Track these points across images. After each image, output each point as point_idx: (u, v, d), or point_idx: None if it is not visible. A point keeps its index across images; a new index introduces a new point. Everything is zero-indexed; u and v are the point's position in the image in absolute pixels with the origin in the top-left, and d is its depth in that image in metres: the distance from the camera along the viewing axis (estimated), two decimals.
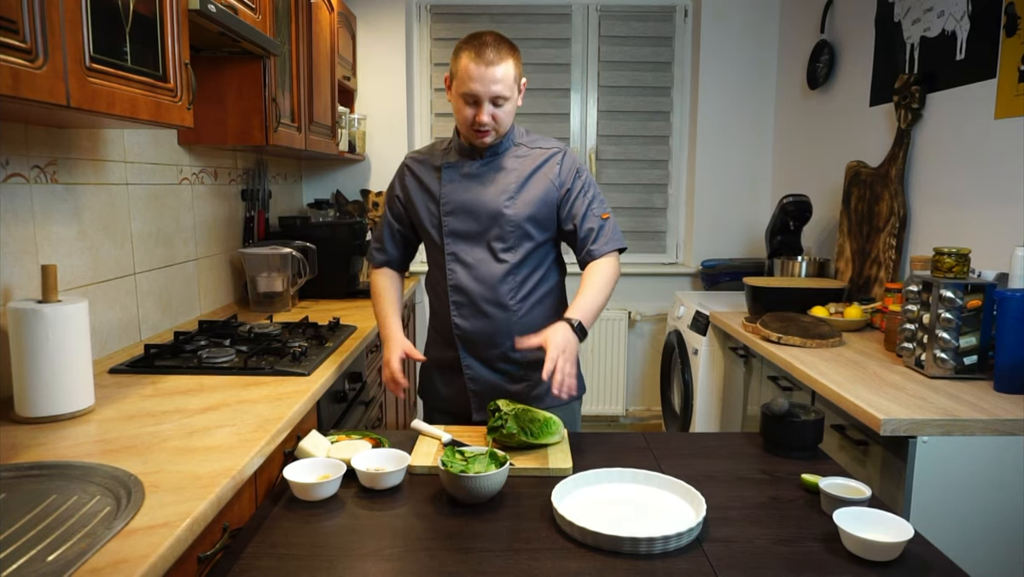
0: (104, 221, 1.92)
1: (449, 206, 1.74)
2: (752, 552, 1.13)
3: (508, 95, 1.64)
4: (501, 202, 1.71)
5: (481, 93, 1.61)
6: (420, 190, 1.79)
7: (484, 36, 1.63)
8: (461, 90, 1.63)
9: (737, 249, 4.05)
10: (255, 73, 2.31)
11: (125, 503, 1.07)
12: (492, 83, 1.60)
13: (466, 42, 1.64)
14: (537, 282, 1.78)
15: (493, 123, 1.65)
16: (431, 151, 1.82)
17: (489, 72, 1.59)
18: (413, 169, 1.81)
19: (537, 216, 1.73)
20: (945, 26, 2.48)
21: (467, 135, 1.70)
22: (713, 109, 3.96)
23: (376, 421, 2.68)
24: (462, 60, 1.62)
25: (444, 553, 1.12)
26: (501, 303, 1.74)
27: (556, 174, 1.75)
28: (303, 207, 3.81)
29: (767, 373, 2.42)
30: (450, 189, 1.74)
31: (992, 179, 2.25)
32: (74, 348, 1.44)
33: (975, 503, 1.63)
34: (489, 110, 1.63)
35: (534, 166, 1.75)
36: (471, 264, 1.74)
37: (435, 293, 1.85)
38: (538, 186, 1.73)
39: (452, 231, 1.74)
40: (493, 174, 1.73)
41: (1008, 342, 1.78)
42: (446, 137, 1.84)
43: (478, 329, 1.76)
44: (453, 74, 1.66)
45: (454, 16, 3.97)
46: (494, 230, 1.72)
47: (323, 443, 1.44)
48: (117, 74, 1.37)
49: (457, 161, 1.76)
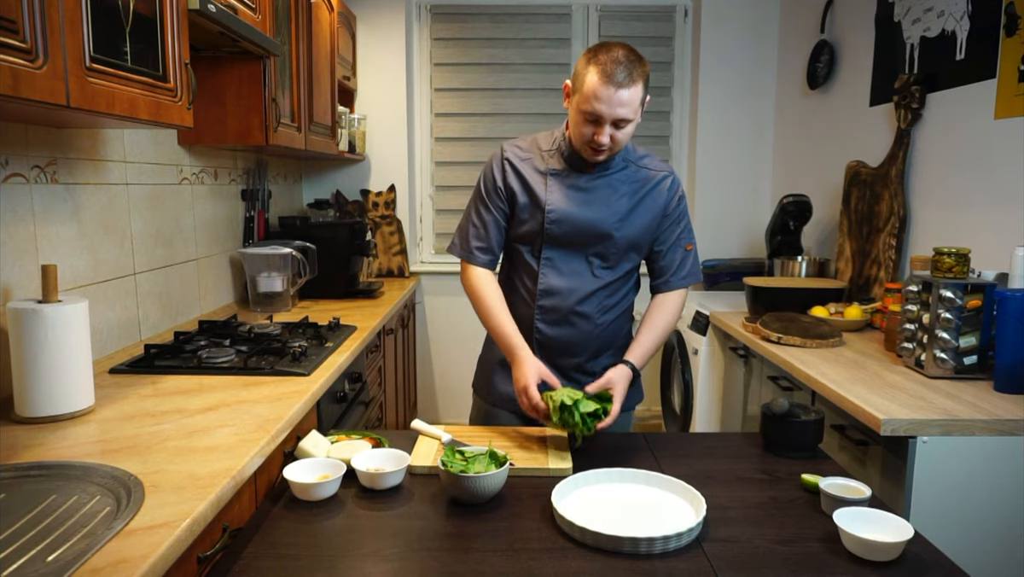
0: (104, 221, 1.92)
1: (555, 215, 1.66)
2: (752, 552, 1.13)
3: (632, 118, 1.54)
4: (611, 223, 1.66)
5: (605, 115, 1.51)
6: (523, 190, 1.69)
7: (615, 51, 1.51)
8: (583, 107, 1.53)
9: (737, 249, 4.05)
10: (255, 73, 2.31)
11: (125, 503, 1.07)
12: (619, 106, 1.50)
13: (595, 55, 1.52)
14: (621, 298, 1.76)
15: (611, 144, 1.57)
16: (533, 148, 1.72)
17: (617, 95, 1.49)
18: (515, 165, 1.70)
19: (641, 241, 1.71)
20: (945, 26, 2.48)
21: (581, 150, 1.62)
22: (713, 109, 3.96)
23: (376, 421, 2.68)
24: (589, 76, 1.51)
25: (444, 553, 1.12)
26: (588, 316, 1.71)
27: (664, 200, 1.71)
28: (303, 207, 3.81)
29: (767, 373, 2.42)
30: (557, 199, 1.66)
31: (992, 179, 2.25)
32: (74, 348, 1.44)
33: (975, 503, 1.63)
34: (609, 131, 1.54)
35: (645, 189, 1.69)
36: (566, 273, 1.70)
37: (515, 294, 1.76)
38: (647, 211, 1.69)
39: (554, 239, 1.68)
40: (603, 191, 1.67)
41: (1008, 342, 1.78)
42: (545, 131, 1.75)
43: (560, 337, 1.71)
44: (576, 86, 1.56)
45: (454, 16, 3.97)
46: (597, 247, 1.68)
47: (323, 443, 1.44)
48: (117, 74, 1.37)
49: (564, 170, 1.68)
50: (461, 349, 4.06)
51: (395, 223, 3.88)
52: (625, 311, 1.79)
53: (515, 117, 4.01)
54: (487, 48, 3.97)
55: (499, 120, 4.02)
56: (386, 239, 3.87)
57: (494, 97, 4.01)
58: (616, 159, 1.68)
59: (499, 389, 1.80)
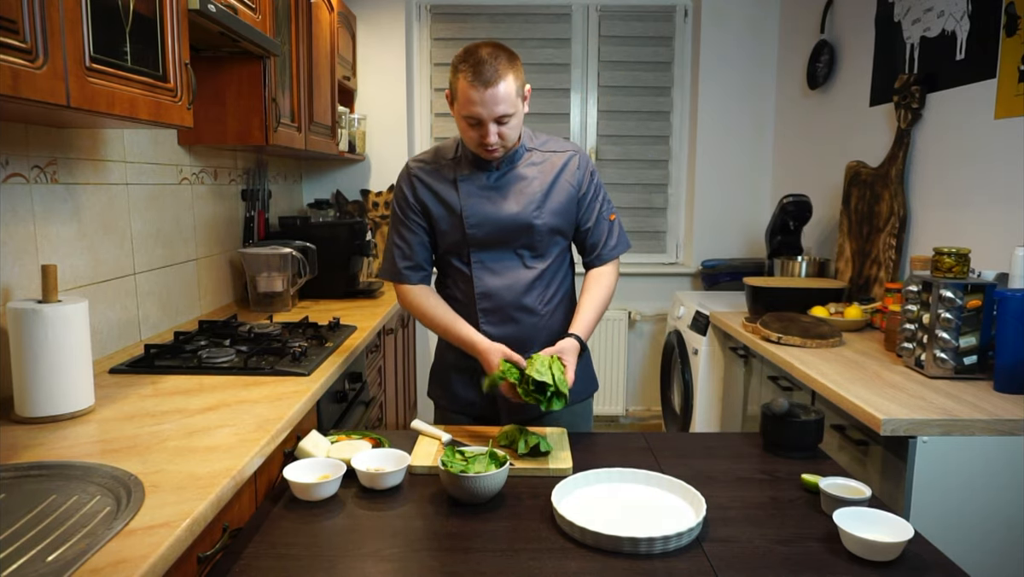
0: (104, 221, 1.92)
1: (474, 219, 1.68)
2: (752, 552, 1.13)
3: (512, 111, 1.57)
4: (529, 213, 1.67)
5: (484, 116, 1.55)
6: (436, 202, 1.71)
7: (479, 52, 1.54)
8: (463, 112, 1.57)
9: (737, 249, 4.05)
10: (255, 73, 2.31)
11: (125, 503, 1.07)
12: (494, 104, 1.53)
13: (462, 60, 1.56)
14: (559, 284, 1.78)
15: (500, 141, 1.60)
16: (436, 159, 1.74)
17: (489, 94, 1.52)
18: (423, 179, 1.72)
19: (563, 223, 1.72)
20: (945, 26, 2.48)
21: (476, 152, 1.65)
22: (713, 109, 3.96)
23: (376, 421, 2.68)
24: (460, 82, 1.55)
25: (444, 553, 1.12)
26: (530, 309, 1.72)
27: (576, 179, 1.72)
28: (303, 207, 3.81)
29: (767, 373, 2.42)
30: (472, 203, 1.68)
31: (992, 179, 2.25)
32: (74, 348, 1.44)
33: (975, 503, 1.63)
34: (494, 129, 1.57)
35: (555, 172, 1.71)
36: (499, 271, 1.71)
37: (455, 300, 1.77)
38: (561, 193, 1.71)
39: (478, 242, 1.70)
40: (514, 184, 1.69)
41: (1008, 342, 1.78)
42: (446, 140, 1.78)
43: (507, 335, 1.71)
44: (453, 95, 1.59)
45: (454, 16, 3.97)
46: (522, 239, 1.70)
47: (323, 443, 1.44)
48: (117, 74, 1.37)
49: (472, 173, 1.69)
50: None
51: None
52: (566, 296, 1.80)
53: None
54: None
55: None
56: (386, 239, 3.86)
57: None
58: (518, 150, 1.71)
59: (459, 396, 1.82)
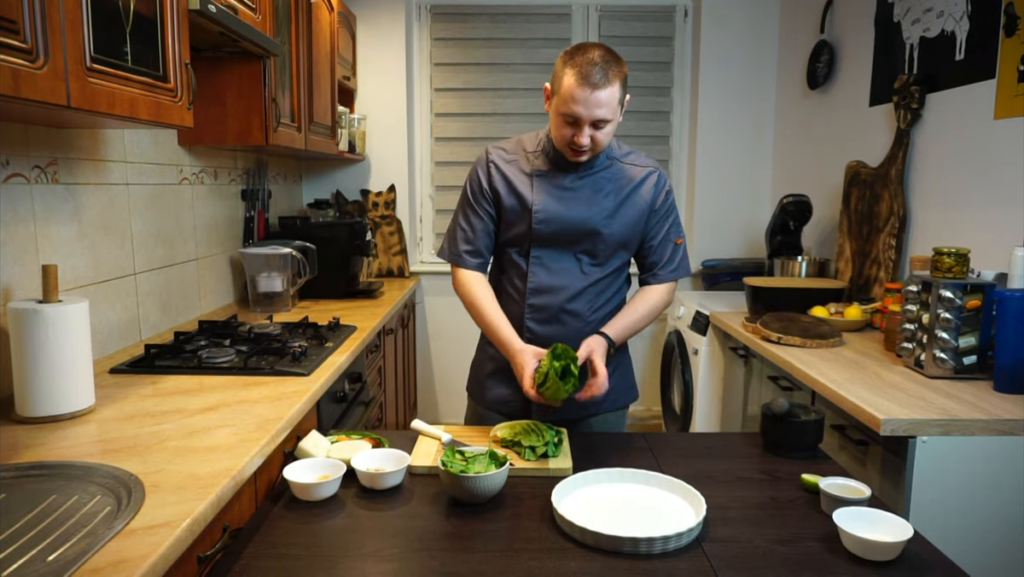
0: (104, 221, 1.93)
1: (542, 215, 1.66)
2: (752, 552, 1.13)
3: (611, 118, 1.55)
4: (599, 221, 1.66)
5: (583, 116, 1.52)
6: (509, 192, 1.70)
7: (591, 53, 1.52)
8: (562, 109, 1.54)
9: (737, 249, 4.05)
10: (255, 73, 2.31)
11: (125, 503, 1.07)
12: (596, 107, 1.51)
13: (571, 57, 1.53)
14: (611, 296, 1.76)
15: (592, 145, 1.58)
16: (518, 150, 1.73)
17: (594, 96, 1.50)
18: (500, 167, 1.71)
19: (630, 237, 1.72)
20: (944, 26, 2.48)
21: (562, 151, 1.63)
22: (713, 109, 3.96)
23: (376, 421, 2.68)
24: (566, 79, 1.52)
25: (444, 553, 1.12)
26: (578, 313, 1.71)
27: (651, 195, 1.71)
28: (303, 207, 3.81)
29: (767, 373, 2.42)
30: (544, 200, 1.67)
31: (992, 179, 2.25)
32: (74, 348, 1.44)
33: (975, 503, 1.63)
34: (589, 132, 1.55)
35: (631, 186, 1.70)
36: (556, 271, 1.70)
37: (506, 293, 1.75)
38: (634, 207, 1.70)
39: (542, 238, 1.68)
40: (589, 190, 1.68)
41: (1008, 342, 1.78)
42: (530, 133, 1.76)
43: (551, 335, 1.69)
44: (555, 89, 1.57)
45: (454, 16, 3.97)
46: (585, 244, 1.69)
47: (323, 443, 1.44)
48: (117, 74, 1.37)
49: (549, 171, 1.68)
50: (461, 349, 4.05)
51: (395, 223, 3.89)
52: (615, 308, 1.78)
53: (515, 117, 4.01)
54: (487, 48, 3.98)
55: (499, 120, 4.02)
56: (386, 239, 3.87)
57: (494, 97, 4.01)
58: (600, 158, 1.69)
59: (492, 392, 1.81)
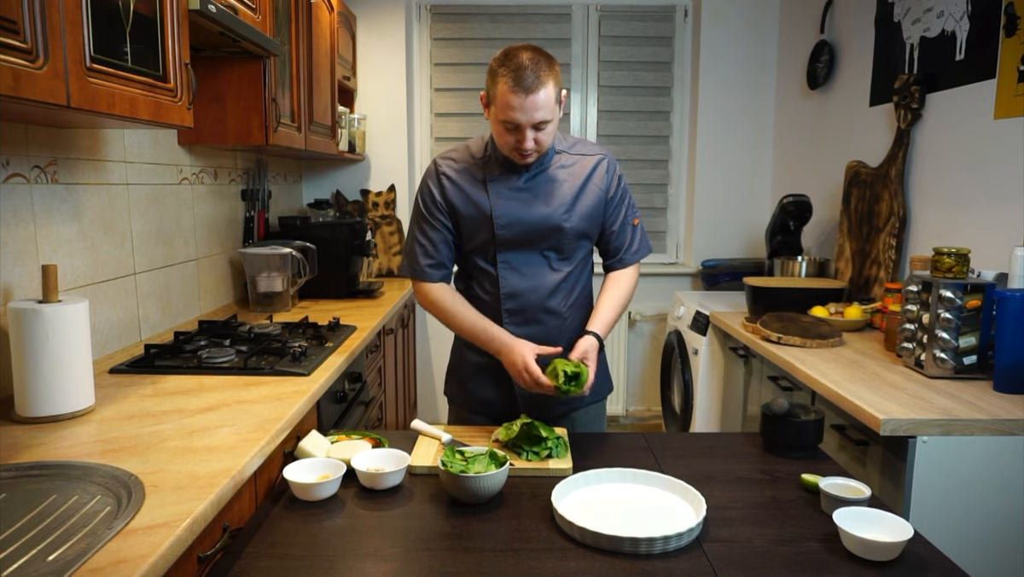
0: (104, 221, 1.93)
1: (503, 220, 1.67)
2: (752, 552, 1.13)
3: (550, 118, 1.56)
4: (559, 216, 1.67)
5: (523, 122, 1.53)
6: (467, 202, 1.69)
7: (520, 56, 1.52)
8: (501, 117, 1.55)
9: (737, 249, 4.05)
10: (255, 73, 2.31)
11: (125, 503, 1.07)
12: (534, 111, 1.52)
13: (502, 64, 1.54)
14: (581, 287, 1.78)
15: (536, 146, 1.59)
16: (467, 158, 1.73)
17: (529, 100, 1.51)
18: (452, 178, 1.70)
19: (591, 226, 1.73)
20: (945, 26, 2.48)
21: (509, 156, 1.64)
22: (713, 109, 3.96)
23: (376, 421, 2.68)
24: (500, 86, 1.52)
25: (444, 553, 1.12)
26: (554, 310, 1.72)
27: (604, 182, 1.72)
28: (303, 207, 3.81)
29: (767, 373, 2.42)
30: (502, 204, 1.67)
31: (991, 179, 2.25)
32: (74, 348, 1.44)
33: (975, 503, 1.63)
34: (531, 135, 1.56)
35: (584, 176, 1.71)
36: (525, 273, 1.71)
37: (479, 300, 1.75)
38: (590, 197, 1.71)
39: (506, 242, 1.69)
40: (544, 186, 1.69)
41: (1008, 342, 1.78)
42: (475, 139, 1.76)
43: (531, 336, 1.69)
44: (491, 98, 1.57)
45: (454, 16, 3.97)
46: (550, 241, 1.69)
47: (323, 443, 1.44)
48: (117, 74, 1.37)
49: (502, 174, 1.68)
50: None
51: (395, 223, 3.89)
52: (586, 298, 1.81)
53: None
54: (487, 48, 3.97)
55: None
56: (386, 239, 3.87)
57: None
58: (548, 154, 1.70)
59: (476, 395, 1.81)
